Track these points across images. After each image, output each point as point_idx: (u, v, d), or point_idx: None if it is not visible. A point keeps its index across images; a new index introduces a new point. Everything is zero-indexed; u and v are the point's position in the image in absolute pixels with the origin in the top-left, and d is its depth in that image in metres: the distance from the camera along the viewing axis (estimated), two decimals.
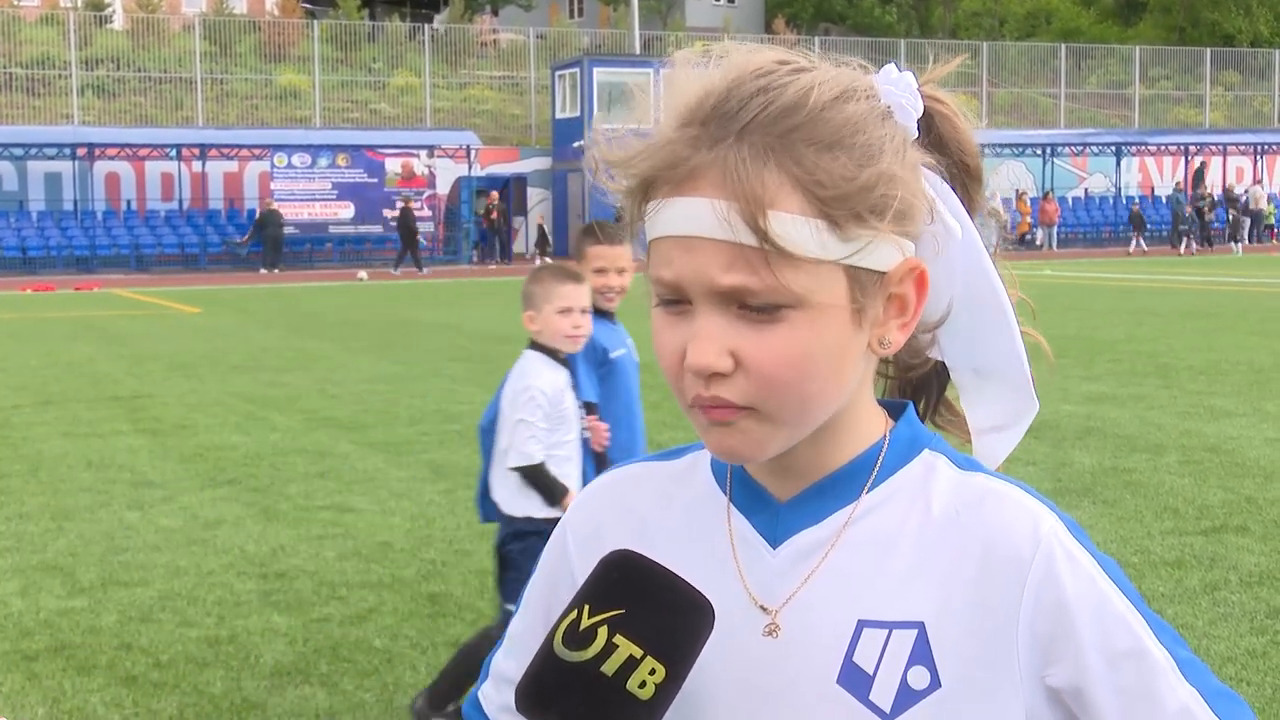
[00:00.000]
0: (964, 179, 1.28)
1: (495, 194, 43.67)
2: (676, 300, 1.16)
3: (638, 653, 1.09)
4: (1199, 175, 54.13)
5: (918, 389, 1.36)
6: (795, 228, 1.11)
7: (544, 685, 1.11)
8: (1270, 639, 5.75)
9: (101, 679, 5.64)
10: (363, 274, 38.18)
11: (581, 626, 1.11)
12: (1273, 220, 51.69)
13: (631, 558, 1.15)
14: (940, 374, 1.35)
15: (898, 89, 1.20)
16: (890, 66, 1.23)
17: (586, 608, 1.12)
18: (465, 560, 7.30)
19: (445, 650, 5.86)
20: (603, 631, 1.10)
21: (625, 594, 1.12)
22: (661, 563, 1.15)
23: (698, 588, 1.13)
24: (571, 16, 67.04)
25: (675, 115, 1.16)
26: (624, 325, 5.12)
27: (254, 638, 6.11)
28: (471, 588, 6.78)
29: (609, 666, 1.09)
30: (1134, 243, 47.55)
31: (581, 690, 1.09)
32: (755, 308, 1.12)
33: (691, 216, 1.12)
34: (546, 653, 1.11)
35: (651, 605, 1.12)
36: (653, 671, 1.09)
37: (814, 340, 1.14)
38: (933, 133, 1.25)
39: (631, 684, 1.09)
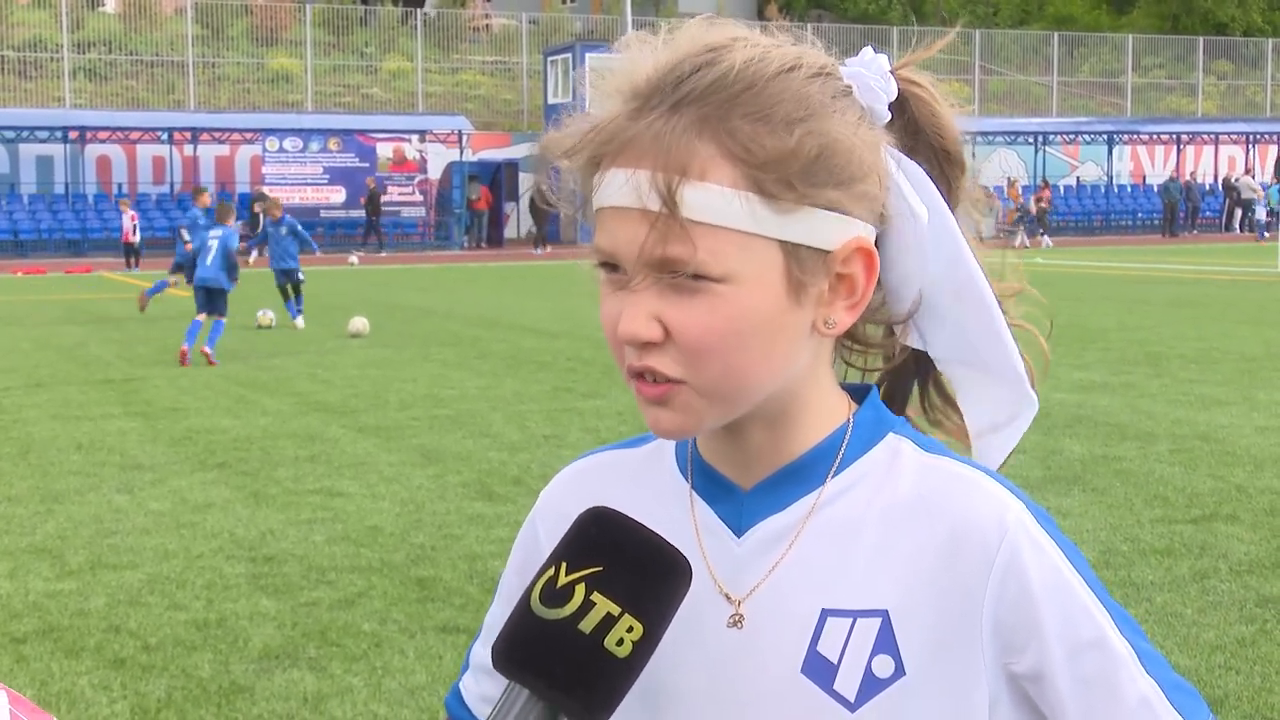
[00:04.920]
0: (943, 165, 1.25)
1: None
2: (615, 267, 1.15)
3: (615, 610, 1.07)
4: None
5: (895, 378, 1.33)
6: (723, 199, 1.10)
7: (521, 643, 1.09)
8: (1259, 627, 5.75)
9: (90, 661, 5.63)
10: (353, 258, 38.13)
11: (559, 583, 1.09)
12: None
13: (609, 514, 1.13)
14: (921, 365, 1.32)
15: (868, 70, 1.19)
16: (867, 49, 1.21)
17: (564, 565, 1.10)
18: (454, 545, 7.29)
19: (434, 635, 5.85)
20: (580, 589, 1.08)
21: (603, 551, 1.10)
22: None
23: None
24: (564, 2, 66.86)
25: (623, 93, 1.16)
26: None
27: (242, 621, 6.09)
28: (460, 572, 6.77)
29: (586, 624, 1.07)
30: None
31: (558, 648, 1.07)
32: (682, 275, 1.11)
33: (621, 186, 1.12)
34: (524, 610, 1.09)
35: (629, 563, 1.10)
36: (630, 629, 1.07)
37: (740, 312, 1.12)
38: (906, 116, 1.24)
39: (609, 642, 1.07)
